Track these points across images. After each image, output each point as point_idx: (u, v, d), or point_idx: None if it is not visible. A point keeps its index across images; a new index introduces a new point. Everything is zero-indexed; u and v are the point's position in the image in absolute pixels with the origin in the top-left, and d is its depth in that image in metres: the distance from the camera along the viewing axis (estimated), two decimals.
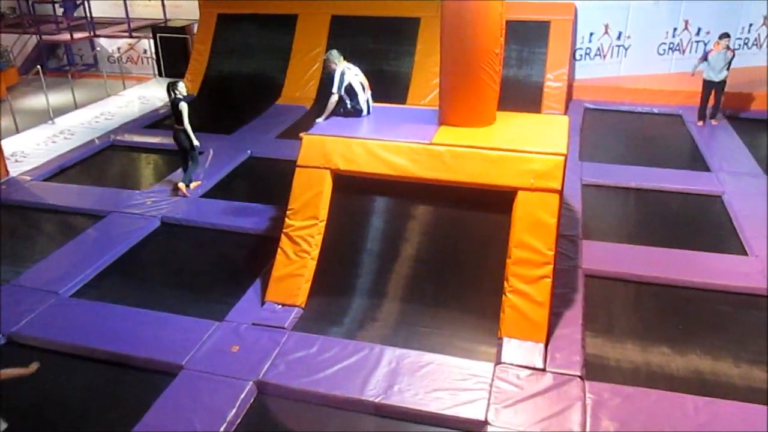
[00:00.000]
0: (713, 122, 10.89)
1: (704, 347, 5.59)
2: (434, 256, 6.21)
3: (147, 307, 6.11)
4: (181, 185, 8.33)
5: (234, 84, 12.95)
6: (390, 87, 11.24)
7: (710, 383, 5.19)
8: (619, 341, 5.71)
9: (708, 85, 10.66)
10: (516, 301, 5.56)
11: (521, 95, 11.06)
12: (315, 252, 6.19)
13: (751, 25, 13.39)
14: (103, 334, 5.69)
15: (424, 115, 6.87)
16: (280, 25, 13.06)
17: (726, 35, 10.46)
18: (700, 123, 10.89)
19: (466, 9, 5.80)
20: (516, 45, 11.92)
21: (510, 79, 11.15)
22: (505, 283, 5.65)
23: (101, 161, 10.08)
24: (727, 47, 10.39)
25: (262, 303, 6.10)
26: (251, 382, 5.12)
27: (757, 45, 13.61)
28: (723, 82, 10.55)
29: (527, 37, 11.99)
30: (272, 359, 5.35)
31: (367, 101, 7.01)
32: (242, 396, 4.99)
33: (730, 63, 10.43)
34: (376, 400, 4.93)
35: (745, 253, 6.98)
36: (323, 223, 6.26)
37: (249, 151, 9.93)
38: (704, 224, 7.78)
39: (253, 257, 7.02)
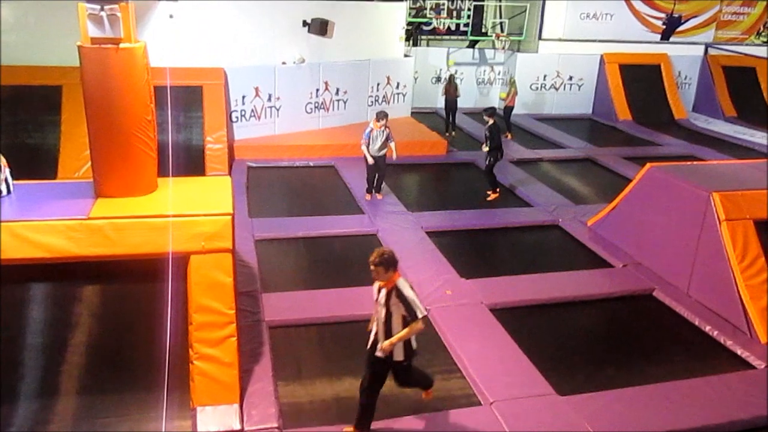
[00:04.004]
0: (378, 196, 10.79)
1: None
2: (109, 339, 5.74)
3: None
4: None
5: None
6: (35, 162, 10.20)
7: (391, 402, 5.71)
8: (310, 383, 5.98)
9: (372, 163, 10.45)
10: (204, 367, 5.45)
11: (184, 160, 10.95)
12: None
13: (378, 84, 15.55)
14: None
15: (77, 189, 6.37)
16: None
17: (384, 115, 10.41)
18: (368, 197, 10.80)
19: (108, 77, 5.61)
20: (172, 110, 11.84)
21: (171, 145, 11.00)
22: (191, 350, 5.50)
23: None
24: (385, 126, 10.34)
25: None
26: None
27: (386, 101, 15.82)
28: (383, 157, 10.51)
29: (182, 102, 12.01)
30: None
31: (6, 180, 6.23)
32: None
33: (387, 138, 10.37)
34: None
35: None
36: None
37: None
38: (367, 261, 8.59)
39: None
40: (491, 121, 10.81)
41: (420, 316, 4.87)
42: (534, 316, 7.37)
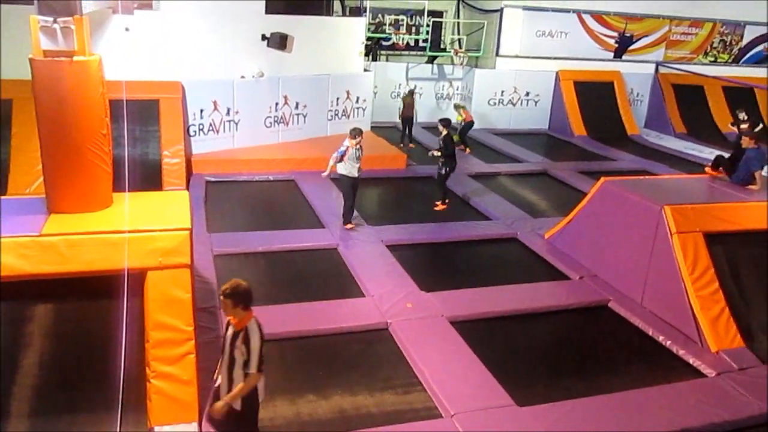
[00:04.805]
0: (348, 226, 10.04)
1: (343, 386, 6.15)
2: (64, 358, 5.58)
3: None
4: None
5: None
6: None
7: (352, 417, 5.73)
8: (270, 399, 5.87)
9: (349, 181, 9.93)
10: (161, 386, 5.34)
11: (141, 174, 10.76)
12: None
13: (338, 98, 15.58)
14: None
15: (28, 205, 6.20)
16: None
17: (359, 131, 9.90)
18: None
19: (61, 91, 5.50)
20: (128, 124, 11.64)
21: (127, 159, 10.82)
22: (147, 369, 5.39)
23: None
24: (359, 146, 9.81)
25: None
26: None
27: (346, 115, 15.85)
28: (358, 179, 10.02)
29: (138, 115, 11.82)
30: None
31: None
32: None
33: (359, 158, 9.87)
34: None
35: (363, 295, 7.93)
36: None
37: None
38: (327, 275, 8.60)
39: None
40: (445, 132, 11.06)
41: (254, 371, 4.40)
42: (494, 328, 7.45)
